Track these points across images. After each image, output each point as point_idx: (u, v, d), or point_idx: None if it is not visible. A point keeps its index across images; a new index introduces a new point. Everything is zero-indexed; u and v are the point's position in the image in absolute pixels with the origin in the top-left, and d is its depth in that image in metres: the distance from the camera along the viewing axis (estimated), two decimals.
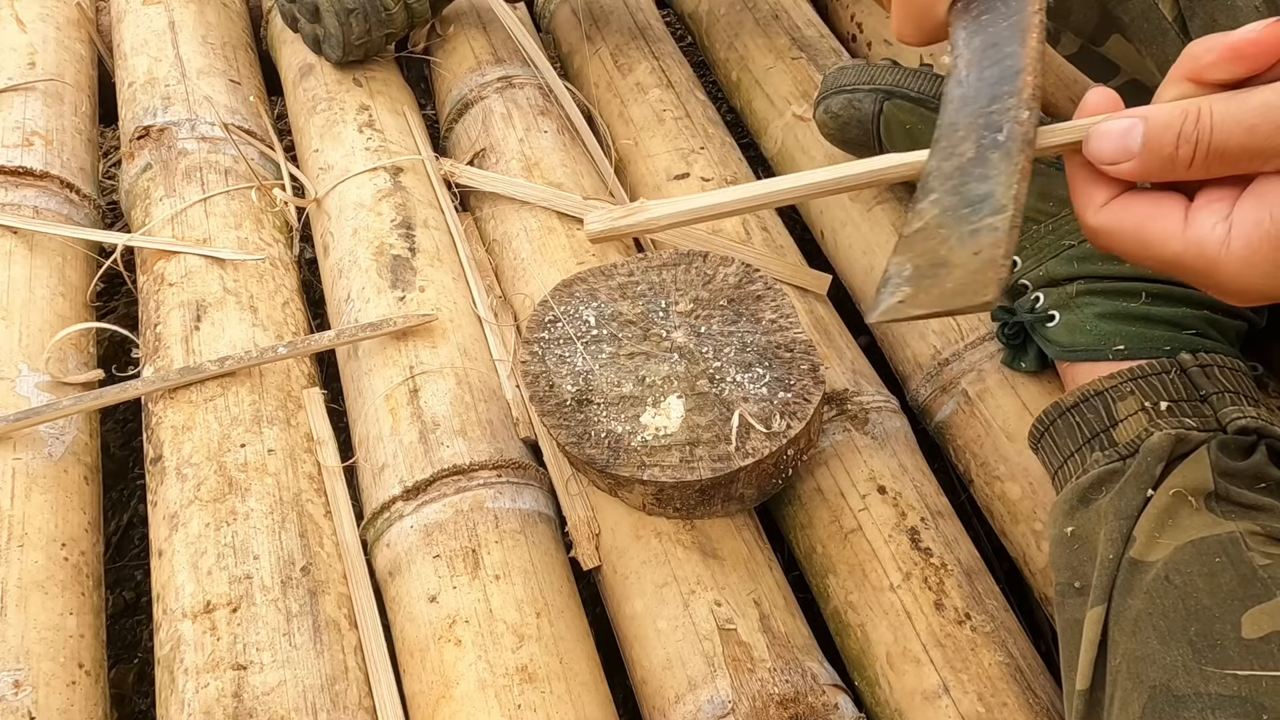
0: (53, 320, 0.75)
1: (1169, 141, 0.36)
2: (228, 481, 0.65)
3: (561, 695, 0.57)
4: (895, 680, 0.59)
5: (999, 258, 0.35)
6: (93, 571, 0.66)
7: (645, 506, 0.63)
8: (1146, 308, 0.60)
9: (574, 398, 0.62)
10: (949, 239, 0.36)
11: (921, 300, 0.35)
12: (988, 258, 0.35)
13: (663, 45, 0.98)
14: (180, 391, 0.70)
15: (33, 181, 0.82)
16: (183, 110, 0.89)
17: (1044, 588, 0.63)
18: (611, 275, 0.67)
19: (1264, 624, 0.45)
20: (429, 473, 0.65)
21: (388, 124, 0.90)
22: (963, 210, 0.37)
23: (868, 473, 0.66)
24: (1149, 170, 0.37)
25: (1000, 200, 0.36)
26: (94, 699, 0.61)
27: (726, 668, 0.57)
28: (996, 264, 0.34)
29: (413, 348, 0.72)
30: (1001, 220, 0.35)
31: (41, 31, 0.95)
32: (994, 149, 0.38)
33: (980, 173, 0.38)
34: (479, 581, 0.61)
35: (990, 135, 0.39)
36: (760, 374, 0.61)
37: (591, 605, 0.67)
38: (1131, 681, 0.46)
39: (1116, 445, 0.56)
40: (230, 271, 0.77)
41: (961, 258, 0.36)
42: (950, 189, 0.38)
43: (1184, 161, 0.36)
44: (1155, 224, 0.37)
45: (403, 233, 0.80)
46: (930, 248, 0.37)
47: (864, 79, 0.74)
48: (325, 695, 0.58)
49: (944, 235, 0.37)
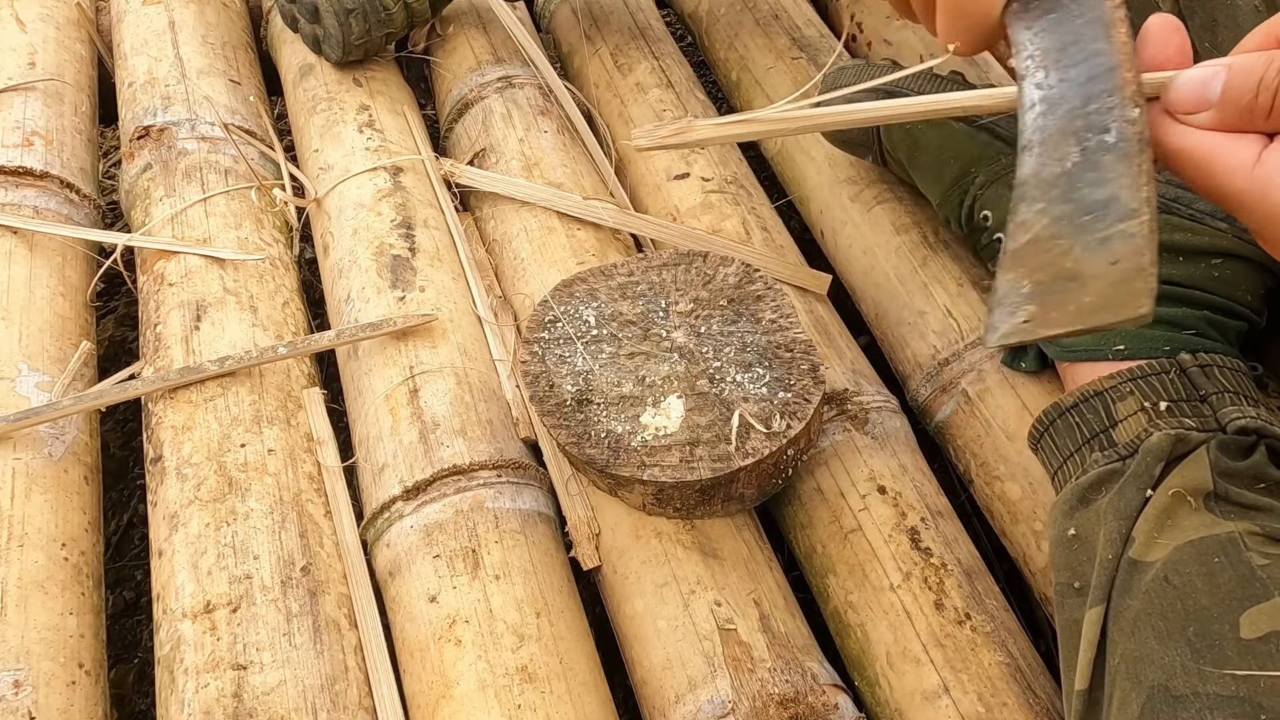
0: (53, 320, 0.75)
1: (1249, 89, 0.35)
2: (228, 481, 0.65)
3: (561, 695, 0.57)
4: (895, 680, 0.59)
5: (1146, 265, 0.32)
6: (93, 571, 0.66)
7: (645, 506, 0.63)
8: None
9: (574, 398, 0.62)
10: (1071, 250, 0.34)
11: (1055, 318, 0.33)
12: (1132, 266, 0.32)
13: (663, 45, 0.98)
14: (180, 391, 0.70)
15: (33, 181, 0.82)
16: (183, 110, 0.89)
17: (1044, 588, 0.63)
18: (611, 275, 0.67)
19: (1262, 624, 0.45)
20: (429, 473, 0.65)
21: (388, 124, 0.90)
22: (1082, 218, 0.35)
23: (868, 473, 0.66)
24: (1226, 119, 0.36)
25: (1129, 204, 0.34)
26: (94, 699, 0.61)
27: (726, 668, 0.57)
28: (1145, 272, 0.32)
29: (413, 348, 0.72)
30: (1137, 225, 0.33)
31: (41, 31, 0.95)
32: (1104, 151, 0.36)
33: (1094, 177, 0.35)
34: (479, 581, 0.61)
35: (1095, 137, 0.36)
36: (760, 374, 0.61)
37: (591, 605, 0.67)
38: (1130, 681, 0.46)
39: (1116, 445, 0.56)
40: (230, 271, 0.77)
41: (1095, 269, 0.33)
42: (1058, 196, 0.36)
43: (1263, 109, 0.35)
44: (1227, 154, 0.36)
45: (403, 233, 0.80)
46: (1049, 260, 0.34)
47: (864, 79, 0.74)
48: (325, 695, 0.58)
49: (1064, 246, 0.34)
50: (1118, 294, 0.32)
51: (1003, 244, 0.37)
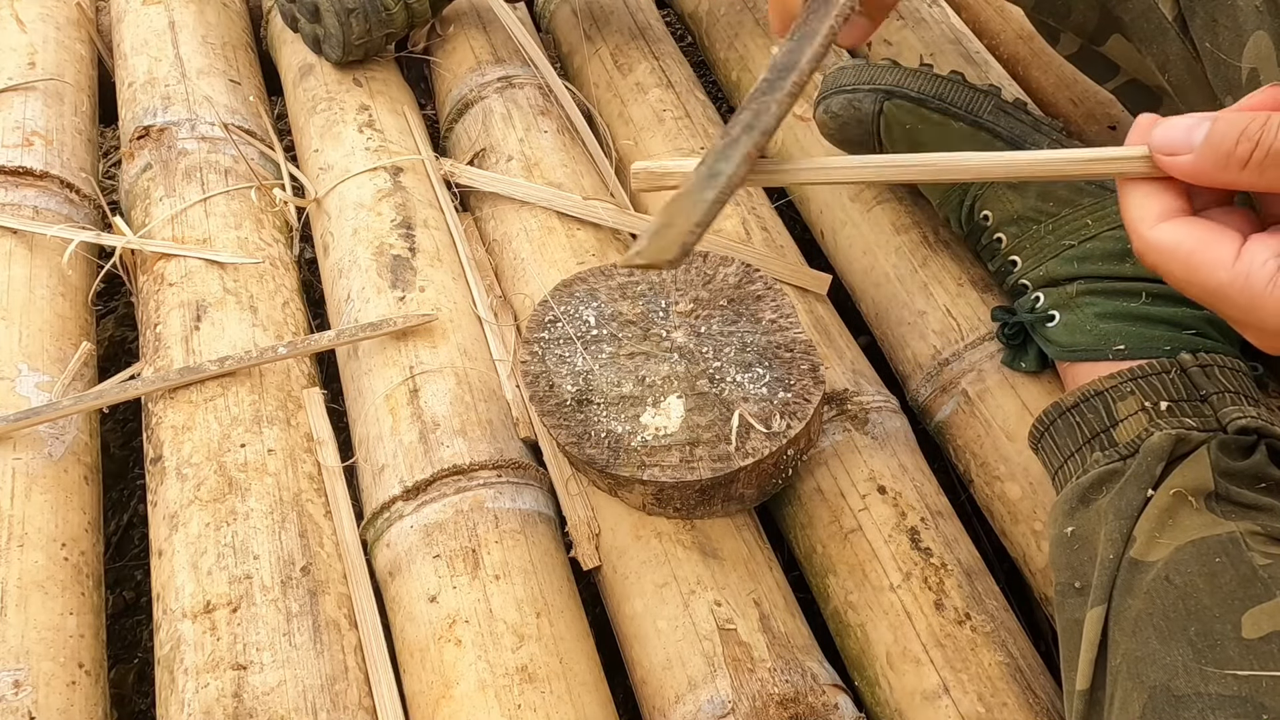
0: (53, 320, 0.75)
1: (1231, 137, 0.36)
2: (228, 481, 0.65)
3: (561, 695, 0.57)
4: (895, 680, 0.59)
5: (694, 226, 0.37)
6: (93, 571, 0.66)
7: (645, 506, 0.63)
8: (1146, 308, 0.60)
9: (574, 398, 0.62)
10: (683, 204, 0.39)
11: (646, 253, 0.37)
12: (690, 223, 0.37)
13: (663, 45, 0.98)
14: (180, 391, 0.70)
15: (33, 181, 0.82)
16: (183, 110, 0.89)
17: (1044, 588, 0.63)
18: (611, 275, 0.67)
19: (1264, 624, 0.45)
20: (429, 473, 0.65)
21: (388, 124, 0.90)
22: (706, 179, 0.40)
23: (868, 473, 0.66)
24: (1203, 164, 0.37)
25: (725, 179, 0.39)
26: (94, 699, 0.61)
27: (726, 668, 0.57)
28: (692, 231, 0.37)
29: (413, 348, 0.72)
30: (715, 194, 0.38)
31: (41, 31, 0.95)
32: (747, 132, 0.42)
33: (729, 152, 0.41)
34: (479, 581, 0.61)
35: (751, 118, 0.43)
36: (760, 374, 0.61)
37: (591, 605, 0.67)
38: (1132, 681, 0.46)
39: (1117, 445, 0.56)
40: (230, 271, 0.77)
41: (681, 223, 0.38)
42: (710, 160, 0.41)
43: (1240, 159, 0.36)
44: (1208, 250, 0.37)
45: (403, 233, 0.80)
46: (673, 208, 0.39)
47: (864, 79, 0.74)
48: (325, 695, 0.58)
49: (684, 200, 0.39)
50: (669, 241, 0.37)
51: None
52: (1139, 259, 0.40)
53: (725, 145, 0.42)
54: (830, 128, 0.78)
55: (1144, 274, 0.61)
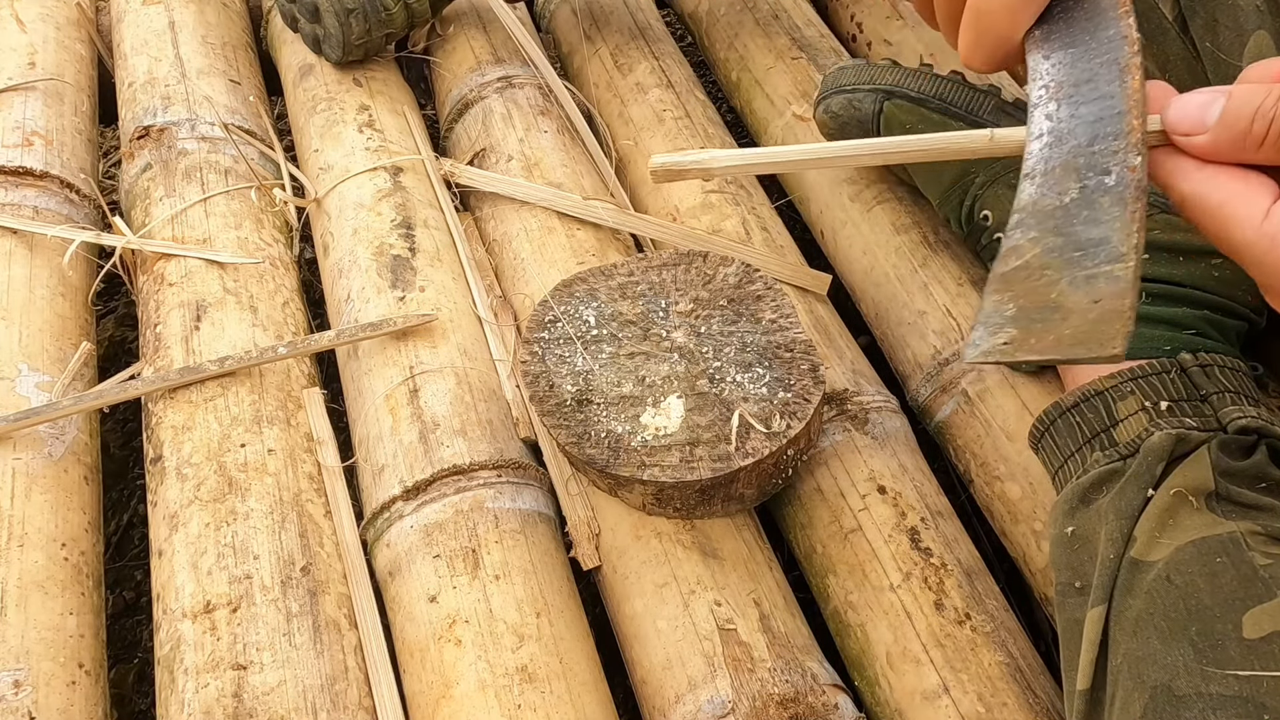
0: (53, 320, 0.75)
1: (1246, 115, 0.35)
2: (228, 481, 0.65)
3: (561, 695, 0.57)
4: (895, 680, 0.59)
5: (1125, 309, 0.33)
6: (93, 571, 0.66)
7: (645, 506, 0.63)
8: (1146, 308, 0.60)
9: (574, 398, 0.62)
10: (1058, 282, 0.35)
11: (1033, 345, 0.34)
12: (1113, 308, 0.33)
13: (663, 45, 0.98)
14: (180, 391, 0.70)
15: (33, 181, 0.82)
16: (183, 110, 0.89)
17: (1044, 588, 0.63)
18: (611, 275, 0.67)
19: (1265, 624, 0.45)
20: (429, 473, 0.65)
21: (388, 124, 0.90)
22: (1072, 253, 0.35)
23: (868, 473, 0.66)
24: (1219, 144, 0.36)
25: (1119, 247, 0.34)
26: (94, 699, 0.61)
27: (726, 668, 0.57)
28: (1124, 316, 0.33)
29: (413, 348, 0.72)
30: (1123, 269, 0.34)
31: (41, 31, 0.95)
32: (1103, 192, 0.36)
33: (1089, 215, 0.36)
34: (479, 581, 0.61)
35: (1096, 178, 0.37)
36: (760, 374, 0.61)
37: (591, 605, 0.67)
38: (1132, 681, 0.46)
39: (1117, 445, 0.55)
40: (230, 271, 0.77)
41: (1078, 304, 0.34)
42: (1052, 228, 0.36)
43: (1256, 138, 0.35)
44: (1238, 205, 0.36)
45: (403, 233, 0.80)
46: (1035, 288, 0.35)
47: (864, 79, 0.74)
48: (325, 695, 0.58)
49: (1051, 277, 0.35)
50: (1095, 331, 0.33)
51: (993, 266, 0.38)
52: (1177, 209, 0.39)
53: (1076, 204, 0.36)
54: (830, 128, 0.78)
55: (1144, 274, 0.61)
